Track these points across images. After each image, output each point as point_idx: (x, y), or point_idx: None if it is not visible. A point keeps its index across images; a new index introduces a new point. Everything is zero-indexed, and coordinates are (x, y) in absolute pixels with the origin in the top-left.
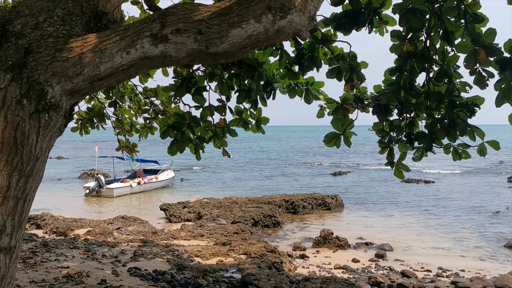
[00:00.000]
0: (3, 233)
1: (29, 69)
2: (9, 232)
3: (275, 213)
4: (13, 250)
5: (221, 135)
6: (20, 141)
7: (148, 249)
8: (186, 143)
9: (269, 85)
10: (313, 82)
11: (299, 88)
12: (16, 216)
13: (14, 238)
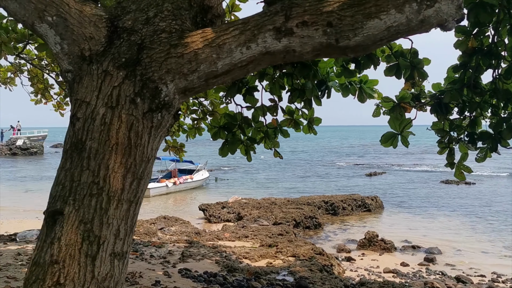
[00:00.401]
0: (117, 237)
1: (142, 66)
2: (122, 236)
3: (316, 214)
4: (125, 255)
5: (273, 136)
6: (134, 142)
7: (196, 250)
8: (237, 144)
9: (323, 84)
10: (367, 80)
11: (353, 87)
12: (128, 220)
13: (126, 243)
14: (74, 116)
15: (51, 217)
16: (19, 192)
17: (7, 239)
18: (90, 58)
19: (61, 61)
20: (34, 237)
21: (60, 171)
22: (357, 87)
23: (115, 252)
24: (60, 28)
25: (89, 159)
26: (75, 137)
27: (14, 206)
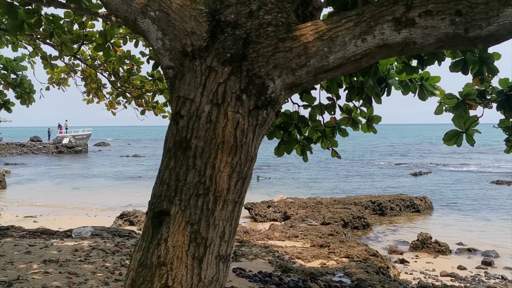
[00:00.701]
0: (222, 239)
1: (249, 61)
2: (227, 238)
3: (364, 214)
4: (228, 258)
5: (330, 135)
6: (239, 140)
7: (247, 249)
8: (293, 144)
9: (383, 81)
10: (428, 77)
11: (413, 84)
12: (233, 221)
13: (229, 245)
14: (177, 113)
15: (157, 218)
16: (67, 190)
17: (63, 235)
18: (193, 53)
19: (162, 57)
20: (88, 233)
21: (164, 170)
22: (417, 84)
23: (220, 255)
24: (162, 23)
25: (194, 158)
26: (179, 135)
27: (63, 204)
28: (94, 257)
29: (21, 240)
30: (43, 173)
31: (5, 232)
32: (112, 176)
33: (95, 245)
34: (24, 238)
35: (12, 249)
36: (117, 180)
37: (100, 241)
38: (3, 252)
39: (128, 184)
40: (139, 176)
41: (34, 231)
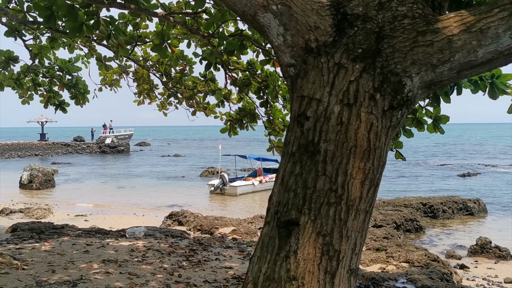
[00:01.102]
0: (353, 252)
1: (383, 57)
2: (357, 251)
3: (416, 217)
4: (357, 272)
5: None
6: (373, 144)
7: None
8: None
9: None
10: (500, 75)
11: (483, 82)
12: (363, 232)
13: (359, 258)
14: (301, 115)
15: (284, 228)
16: (112, 189)
17: (117, 235)
18: (318, 49)
19: (282, 54)
20: (142, 234)
21: (289, 176)
22: (488, 83)
23: (351, 269)
24: (285, 17)
25: (324, 163)
26: (304, 138)
27: (110, 203)
28: (151, 258)
29: (77, 239)
30: (88, 172)
31: (61, 231)
32: (155, 176)
33: (150, 245)
34: (80, 237)
35: (71, 248)
36: (161, 180)
37: (154, 242)
38: (63, 251)
39: (171, 184)
40: (182, 176)
41: (88, 230)
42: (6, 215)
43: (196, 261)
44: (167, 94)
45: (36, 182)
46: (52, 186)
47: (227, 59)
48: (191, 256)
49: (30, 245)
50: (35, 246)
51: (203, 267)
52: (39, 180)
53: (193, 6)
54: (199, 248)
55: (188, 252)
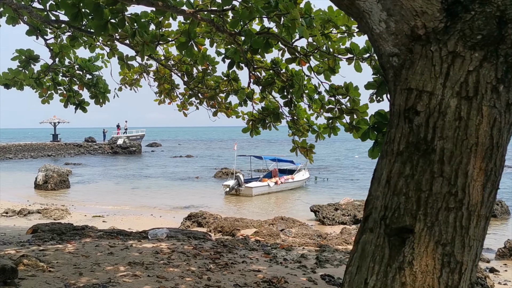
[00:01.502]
0: (474, 264)
1: (508, 44)
2: (477, 262)
3: None
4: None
5: None
6: (495, 142)
7: (330, 255)
8: None
9: None
10: None
11: None
12: (483, 241)
13: (476, 269)
14: (410, 109)
15: (396, 235)
16: (127, 189)
17: (140, 237)
18: (426, 37)
19: (384, 43)
20: (164, 235)
21: (397, 177)
22: None
23: (471, 283)
24: (388, 2)
25: (441, 163)
26: (414, 135)
27: (126, 203)
28: (177, 260)
29: (100, 241)
30: (101, 173)
31: (82, 232)
32: (169, 177)
33: (173, 247)
34: (102, 238)
35: (94, 249)
36: (175, 181)
37: (177, 243)
38: (87, 253)
39: (186, 185)
40: (195, 176)
41: (109, 231)
42: (24, 216)
43: (223, 263)
44: (188, 94)
45: (51, 183)
46: (67, 186)
47: (251, 58)
48: (217, 258)
49: (53, 246)
50: (58, 247)
51: (231, 270)
52: (54, 180)
53: (219, 4)
54: (223, 251)
55: (214, 254)
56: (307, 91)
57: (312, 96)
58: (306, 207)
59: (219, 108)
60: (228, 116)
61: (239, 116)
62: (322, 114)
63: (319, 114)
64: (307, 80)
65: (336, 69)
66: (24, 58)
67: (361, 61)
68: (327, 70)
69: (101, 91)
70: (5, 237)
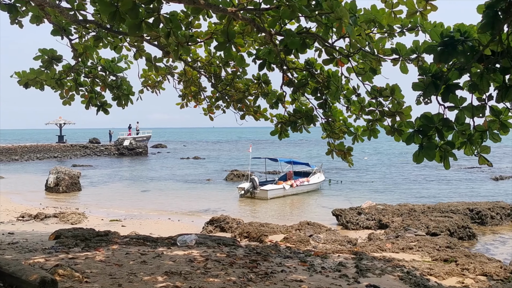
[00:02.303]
0: None
1: None
2: None
3: (468, 223)
4: None
5: (478, 140)
6: None
7: (369, 263)
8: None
9: None
10: None
11: None
12: None
13: None
14: None
15: None
16: (138, 192)
17: (168, 243)
18: None
19: None
20: (193, 242)
21: None
22: None
23: None
24: None
25: None
26: None
27: (140, 207)
28: (214, 270)
29: (128, 248)
30: (111, 175)
31: (107, 238)
32: (179, 179)
33: (206, 255)
34: (129, 245)
35: (126, 257)
36: (187, 183)
37: (209, 251)
38: (119, 261)
39: (198, 188)
40: (207, 179)
41: (135, 237)
42: (41, 220)
43: (262, 273)
44: (215, 97)
45: (62, 185)
46: (78, 189)
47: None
48: (255, 267)
49: (81, 254)
50: (88, 255)
51: (272, 280)
52: (66, 183)
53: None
54: (258, 258)
55: (250, 263)
56: (345, 92)
57: (349, 97)
58: (325, 211)
59: (246, 111)
60: (256, 119)
61: (268, 118)
62: (361, 116)
63: (358, 116)
64: (346, 82)
65: (378, 70)
66: (47, 58)
67: (407, 62)
68: (368, 71)
69: (125, 93)
70: (28, 243)
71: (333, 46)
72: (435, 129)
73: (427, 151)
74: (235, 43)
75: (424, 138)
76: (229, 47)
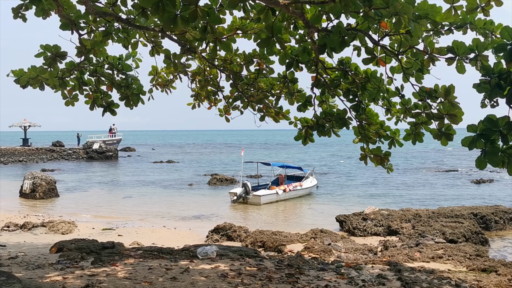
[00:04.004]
0: None
1: None
2: None
3: (479, 229)
4: None
5: None
6: None
7: (411, 275)
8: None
9: None
10: None
11: None
12: None
13: None
14: None
15: None
16: (119, 198)
17: (187, 256)
18: None
19: None
20: (214, 254)
21: None
22: None
23: None
24: None
25: None
26: None
27: (128, 214)
28: (254, 285)
29: (146, 261)
30: (86, 180)
31: (117, 251)
32: (160, 184)
33: (235, 268)
34: (146, 258)
35: (150, 273)
36: (169, 188)
37: (236, 264)
38: (145, 278)
39: (183, 193)
40: (189, 184)
41: (148, 249)
42: (29, 230)
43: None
44: (233, 97)
45: (39, 191)
46: (56, 195)
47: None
48: (295, 282)
49: (99, 270)
50: (106, 271)
51: None
52: (43, 189)
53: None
54: (292, 272)
55: (287, 276)
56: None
57: (389, 99)
58: (324, 217)
59: (266, 112)
60: (276, 121)
61: (292, 122)
62: (403, 119)
63: (401, 119)
64: (389, 82)
65: (425, 70)
66: (50, 55)
67: (464, 61)
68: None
69: (135, 92)
70: (28, 257)
71: (383, 44)
72: (499, 132)
73: (491, 156)
74: (281, 38)
75: (487, 143)
76: (272, 43)
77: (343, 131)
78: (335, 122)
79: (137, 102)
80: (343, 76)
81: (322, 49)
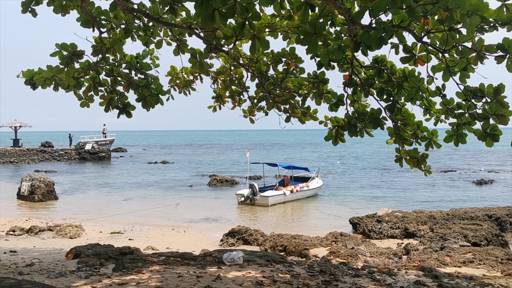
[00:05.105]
0: None
1: None
2: None
3: (498, 231)
4: None
5: None
6: None
7: (451, 281)
8: None
9: None
10: None
11: None
12: None
13: None
14: None
15: None
16: (119, 201)
17: (213, 262)
18: None
19: None
20: (240, 259)
21: None
22: None
23: None
24: None
25: None
26: None
27: (132, 217)
28: None
29: (172, 268)
30: (82, 182)
31: (138, 257)
32: (159, 186)
33: (269, 276)
34: (170, 264)
35: (182, 281)
36: (169, 190)
37: (267, 270)
38: (177, 286)
39: (184, 195)
40: (189, 185)
41: (170, 255)
42: (35, 234)
43: None
44: (258, 98)
45: (38, 194)
46: (55, 198)
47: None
48: None
49: (127, 277)
50: (134, 279)
51: None
52: (42, 191)
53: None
54: (326, 278)
55: (323, 284)
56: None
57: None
58: (334, 219)
59: (292, 113)
60: (302, 123)
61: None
62: (444, 120)
63: (441, 119)
64: (429, 81)
65: (469, 69)
66: (67, 54)
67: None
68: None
69: (154, 92)
70: (45, 264)
71: (425, 42)
72: None
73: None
74: (324, 35)
75: None
76: (315, 40)
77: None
78: (369, 122)
79: (155, 102)
80: (378, 74)
81: (357, 46)
